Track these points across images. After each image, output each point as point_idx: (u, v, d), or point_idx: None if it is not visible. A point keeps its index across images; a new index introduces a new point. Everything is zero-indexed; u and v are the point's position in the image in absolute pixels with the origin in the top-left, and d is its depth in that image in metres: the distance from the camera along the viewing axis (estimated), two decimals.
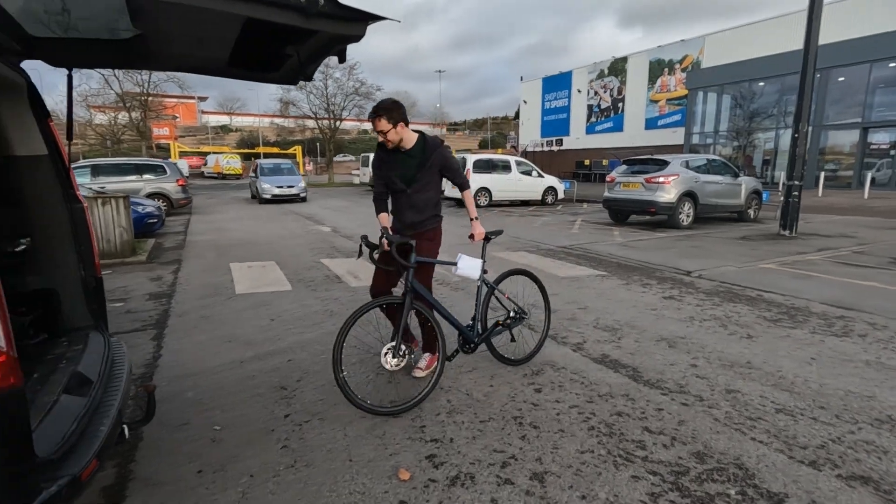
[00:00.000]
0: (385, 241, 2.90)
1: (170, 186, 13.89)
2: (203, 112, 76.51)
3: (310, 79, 2.71)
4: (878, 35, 18.92)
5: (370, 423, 2.69)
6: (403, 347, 2.84)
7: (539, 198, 17.23)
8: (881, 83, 19.75)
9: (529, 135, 41.38)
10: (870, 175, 18.08)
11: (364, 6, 1.95)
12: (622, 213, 11.90)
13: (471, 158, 16.26)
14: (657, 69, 30.64)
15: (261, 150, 45.55)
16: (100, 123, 34.24)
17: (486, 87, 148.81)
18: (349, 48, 2.37)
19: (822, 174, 19.12)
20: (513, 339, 3.48)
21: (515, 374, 3.31)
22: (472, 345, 3.19)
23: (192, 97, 56.39)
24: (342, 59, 2.30)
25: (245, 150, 50.00)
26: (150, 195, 13.13)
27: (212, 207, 16.98)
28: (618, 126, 33.57)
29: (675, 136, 27.93)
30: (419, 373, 3.25)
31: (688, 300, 5.06)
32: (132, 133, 33.39)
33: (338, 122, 34.52)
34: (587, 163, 34.38)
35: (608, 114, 34.38)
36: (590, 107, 35.74)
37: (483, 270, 3.18)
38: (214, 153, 45.90)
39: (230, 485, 2.18)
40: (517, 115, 54.07)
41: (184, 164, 32.59)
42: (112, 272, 6.57)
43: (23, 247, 2.40)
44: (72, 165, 2.60)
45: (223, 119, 77.17)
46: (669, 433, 2.57)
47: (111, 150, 32.42)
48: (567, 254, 7.81)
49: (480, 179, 15.97)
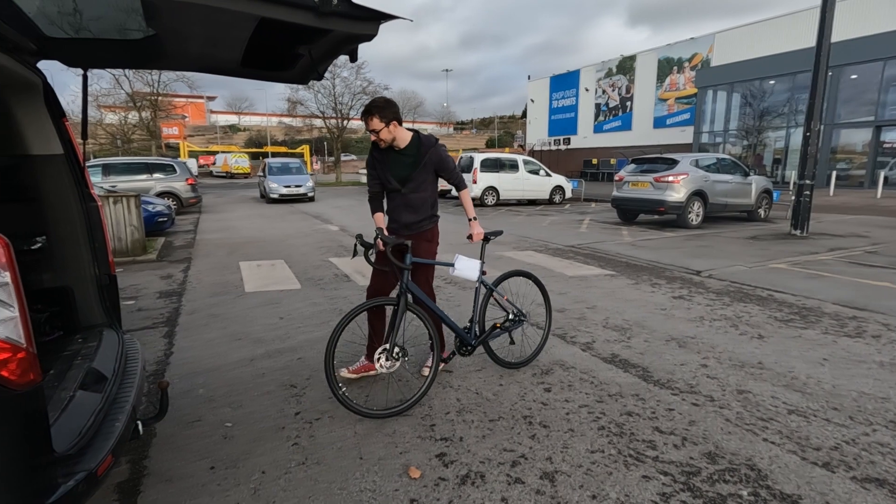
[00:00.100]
0: (380, 242, 2.86)
1: (179, 185, 14.00)
2: (212, 112, 77.13)
3: (321, 78, 2.72)
4: (892, 32, 18.67)
5: (379, 422, 2.70)
6: (397, 349, 2.78)
7: (547, 197, 17.19)
8: (895, 81, 19.47)
9: (537, 134, 41.28)
10: (883, 174, 17.86)
11: (375, 5, 1.96)
12: (631, 213, 11.84)
13: (478, 157, 16.25)
14: (666, 67, 30.44)
15: (269, 150, 45.83)
16: (110, 123, 34.58)
17: (494, 86, 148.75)
18: (358, 47, 2.38)
19: (834, 173, 18.91)
20: (512, 342, 3.41)
21: (525, 374, 3.31)
22: (469, 347, 3.13)
23: (201, 97, 56.86)
24: (353, 59, 2.31)
25: (253, 150, 50.34)
26: (161, 194, 13.24)
27: (221, 206, 17.10)
28: (626, 125, 33.39)
29: (684, 135, 27.75)
30: (427, 371, 3.25)
31: (697, 300, 5.03)
32: (142, 132, 33.68)
33: (345, 122, 34.62)
34: (595, 162, 34.25)
35: (616, 112, 34.21)
36: (598, 105, 35.58)
37: (481, 271, 3.12)
38: (223, 152, 46.22)
39: (242, 481, 2.20)
40: (524, 114, 53.97)
41: (192, 163, 32.84)
42: (123, 270, 6.64)
43: (38, 245, 2.44)
44: (85, 164, 2.62)
45: (232, 119, 77.73)
46: (680, 433, 2.56)
47: (121, 150, 32.73)
48: (575, 253, 7.78)
49: (488, 178, 15.96)
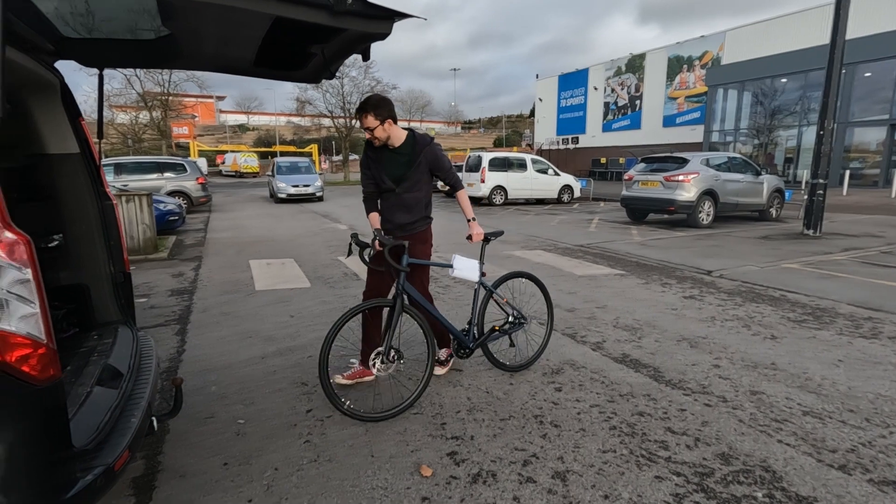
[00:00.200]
0: (377, 243, 2.80)
1: (190, 184, 14.12)
2: (221, 111, 77.64)
3: (333, 77, 2.74)
4: None
5: (390, 420, 2.71)
6: (393, 352, 2.74)
7: (555, 196, 17.13)
8: None
9: (545, 133, 41.12)
10: None
11: (386, 4, 1.96)
12: (640, 212, 11.77)
13: (486, 157, 16.23)
14: (676, 66, 30.19)
15: (277, 149, 46.07)
16: (121, 123, 34.97)
17: (502, 85, 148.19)
18: (370, 46, 2.39)
19: (847, 172, 18.66)
20: (512, 345, 3.36)
21: (535, 373, 3.30)
22: (467, 349, 3.08)
23: (211, 97, 57.27)
24: (366, 57, 2.31)
25: (262, 149, 50.62)
26: (171, 193, 13.36)
27: (230, 205, 17.23)
28: (635, 124, 33.17)
29: (694, 134, 27.52)
30: (439, 370, 3.26)
31: (709, 300, 4.99)
32: (153, 132, 34.02)
33: (354, 121, 34.72)
34: (604, 161, 34.07)
35: (625, 111, 33.99)
36: (606, 104, 35.37)
37: (481, 272, 3.07)
38: (232, 152, 46.55)
39: (255, 477, 2.21)
40: (532, 113, 53.80)
41: (203, 162, 33.11)
42: (135, 268, 6.71)
43: (55, 242, 2.47)
44: (101, 163, 2.66)
45: (241, 118, 78.24)
46: (693, 434, 2.54)
47: (132, 149, 33.08)
48: (584, 252, 7.75)
49: (496, 178, 15.93)
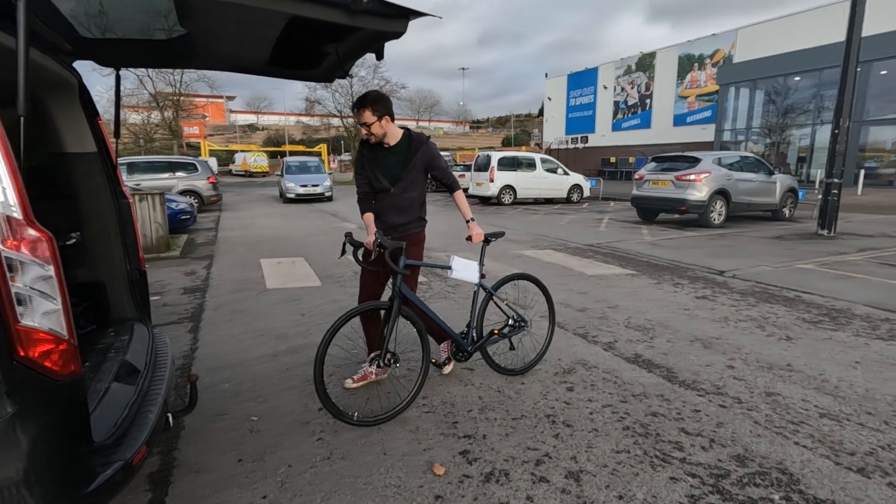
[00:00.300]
0: (370, 242, 2.71)
1: (201, 184, 14.25)
2: (231, 111, 78.25)
3: (346, 76, 2.74)
4: None
5: (402, 418, 2.71)
6: (389, 356, 2.71)
7: (564, 196, 17.06)
8: None
9: (554, 132, 40.97)
10: None
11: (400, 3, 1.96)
12: (651, 212, 11.68)
13: (495, 156, 16.20)
14: (687, 64, 29.93)
15: (287, 149, 46.29)
16: (133, 123, 35.39)
17: (510, 84, 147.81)
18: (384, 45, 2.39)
19: (862, 172, 18.38)
20: (512, 348, 3.32)
21: (547, 373, 3.29)
22: (465, 353, 3.04)
23: (221, 97, 57.75)
24: (380, 56, 2.31)
25: (272, 149, 50.93)
26: (183, 192, 13.49)
27: (240, 205, 17.35)
28: (645, 123, 32.94)
29: (705, 133, 27.26)
30: (447, 368, 3.26)
31: (721, 300, 4.94)
32: (164, 132, 34.40)
33: None
34: (613, 160, 33.87)
35: (635, 110, 33.77)
36: (616, 103, 35.16)
37: (481, 274, 3.01)
38: (242, 151, 46.90)
39: (269, 474, 2.23)
40: (541, 112, 53.65)
41: (213, 162, 33.40)
42: (148, 266, 6.73)
43: (73, 240, 2.50)
44: (118, 162, 2.69)
45: (250, 118, 78.78)
46: (707, 435, 2.51)
47: (144, 149, 33.47)
48: (595, 252, 7.71)
49: (505, 177, 15.89)
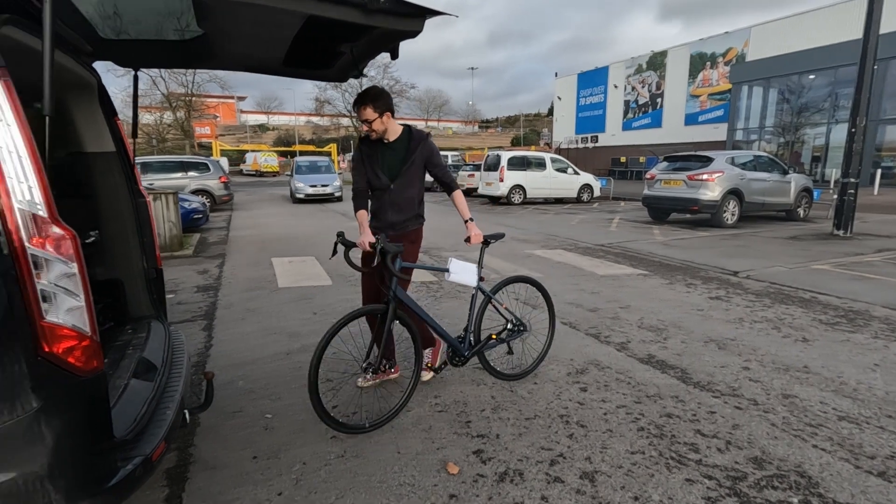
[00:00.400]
0: (364, 242, 2.62)
1: (213, 183, 14.39)
2: (242, 111, 78.88)
3: (360, 75, 2.75)
4: None
5: (415, 417, 2.72)
6: (384, 361, 2.63)
7: (574, 195, 16.98)
8: None
9: (563, 131, 40.80)
10: None
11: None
12: (662, 212, 11.59)
13: (505, 155, 16.16)
14: (699, 63, 29.66)
15: (297, 148, 46.59)
16: (146, 123, 35.83)
17: (520, 84, 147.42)
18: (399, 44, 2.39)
19: (879, 171, 18.08)
20: (510, 352, 3.24)
21: (559, 373, 3.28)
22: (462, 357, 2.95)
23: (232, 97, 58.28)
24: (395, 56, 2.32)
25: (282, 149, 51.28)
26: (195, 192, 13.62)
27: (251, 204, 17.48)
28: (656, 122, 32.70)
29: (717, 133, 26.99)
30: (426, 375, 3.15)
31: (736, 301, 4.88)
32: (176, 132, 34.78)
33: None
34: (623, 160, 33.64)
35: (646, 109, 33.52)
36: (626, 102, 34.93)
37: (479, 277, 2.94)
38: (253, 151, 47.26)
39: (284, 471, 2.24)
40: (550, 112, 53.45)
41: (224, 162, 33.71)
42: (163, 265, 6.84)
43: (92, 239, 2.53)
44: (135, 162, 2.72)
45: (261, 118, 79.35)
46: (724, 437, 2.49)
47: (156, 149, 33.88)
48: (606, 252, 7.66)
49: (514, 177, 15.85)
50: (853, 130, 8.80)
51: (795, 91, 23.15)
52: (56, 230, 1.34)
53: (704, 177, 10.06)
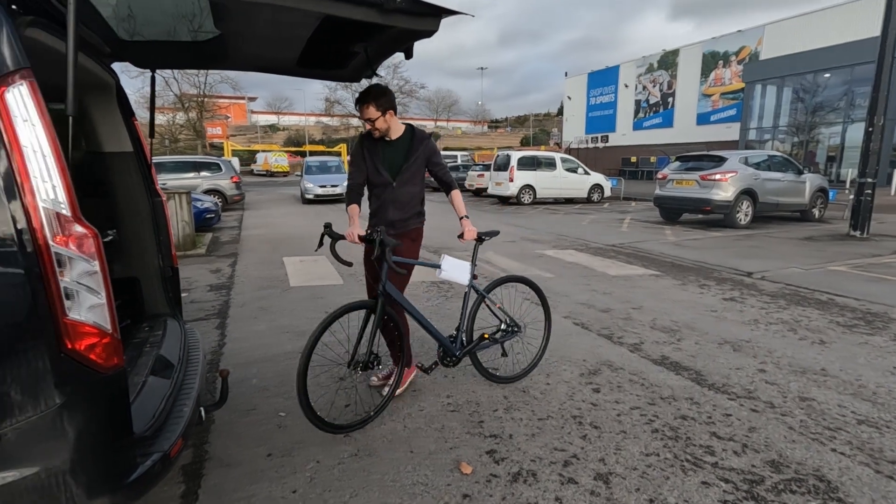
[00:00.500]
0: (352, 233, 2.64)
1: (224, 183, 14.51)
2: (252, 112, 79.39)
3: (373, 75, 2.76)
4: None
5: (428, 417, 2.72)
6: (373, 357, 2.58)
7: (585, 195, 16.89)
8: None
9: (573, 131, 40.60)
10: None
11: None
12: (674, 212, 11.49)
13: (515, 155, 16.12)
14: (711, 62, 29.34)
15: (307, 148, 46.84)
16: (159, 124, 36.21)
17: (530, 83, 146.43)
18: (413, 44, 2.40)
19: None
20: (504, 354, 3.18)
21: (572, 373, 3.26)
22: (454, 357, 2.89)
23: (243, 97, 58.71)
24: (409, 56, 2.32)
25: (292, 149, 51.55)
26: (207, 191, 13.75)
27: (262, 204, 17.61)
28: (667, 121, 32.40)
29: (730, 132, 26.68)
30: (385, 389, 2.94)
31: (750, 302, 4.82)
32: (188, 132, 35.15)
33: None
34: (634, 160, 33.40)
35: (657, 109, 33.24)
36: (637, 102, 34.66)
37: (472, 275, 2.89)
38: (263, 151, 47.58)
39: (298, 469, 2.25)
40: (560, 112, 53.20)
41: (236, 162, 34.01)
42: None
43: (110, 237, 2.57)
44: (152, 161, 2.75)
45: (271, 118, 79.85)
46: (740, 440, 2.46)
47: (169, 149, 34.27)
48: (617, 252, 7.61)
49: (524, 177, 15.80)
50: (870, 130, 8.66)
51: (810, 90, 22.81)
52: (79, 229, 1.35)
53: (717, 177, 9.95)
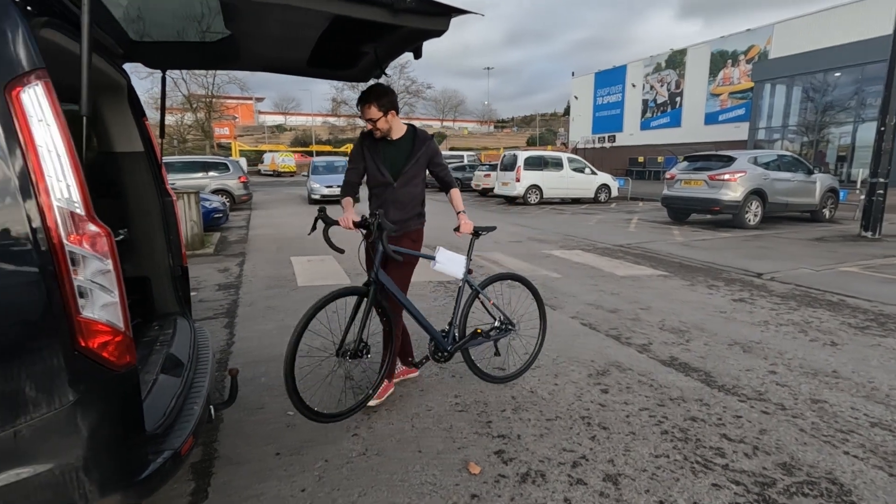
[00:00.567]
0: (348, 219, 2.69)
1: (232, 183, 14.59)
2: (260, 112, 79.79)
3: (382, 75, 2.76)
4: None
5: (436, 417, 2.72)
6: (362, 346, 2.60)
7: (592, 195, 16.83)
8: None
9: (580, 131, 40.46)
10: None
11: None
12: (682, 212, 11.42)
13: (522, 155, 16.09)
14: (719, 61, 29.13)
15: (314, 148, 47.05)
16: (168, 124, 36.48)
17: (536, 83, 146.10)
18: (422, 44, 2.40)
19: None
20: (497, 353, 3.15)
21: (580, 374, 3.25)
22: (445, 353, 2.88)
23: (251, 98, 59.05)
24: (418, 55, 2.32)
25: (299, 149, 51.80)
26: (215, 191, 13.83)
27: (269, 204, 17.69)
28: (675, 121, 32.21)
29: (738, 132, 26.47)
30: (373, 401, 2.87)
31: (760, 303, 4.78)
32: (197, 133, 35.38)
33: None
34: (641, 160, 33.22)
35: (665, 109, 33.05)
36: (645, 101, 34.48)
37: (467, 270, 2.88)
38: (271, 151, 47.85)
39: (307, 468, 2.26)
40: (567, 111, 53.06)
41: (243, 162, 34.20)
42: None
43: (121, 237, 2.59)
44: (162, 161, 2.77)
45: (278, 119, 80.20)
46: (751, 442, 2.44)
47: (177, 149, 34.53)
48: (625, 253, 7.57)
49: (531, 177, 15.77)
50: (882, 129, 8.56)
51: (820, 89, 22.58)
52: (92, 227, 1.36)
53: (726, 177, 9.88)
